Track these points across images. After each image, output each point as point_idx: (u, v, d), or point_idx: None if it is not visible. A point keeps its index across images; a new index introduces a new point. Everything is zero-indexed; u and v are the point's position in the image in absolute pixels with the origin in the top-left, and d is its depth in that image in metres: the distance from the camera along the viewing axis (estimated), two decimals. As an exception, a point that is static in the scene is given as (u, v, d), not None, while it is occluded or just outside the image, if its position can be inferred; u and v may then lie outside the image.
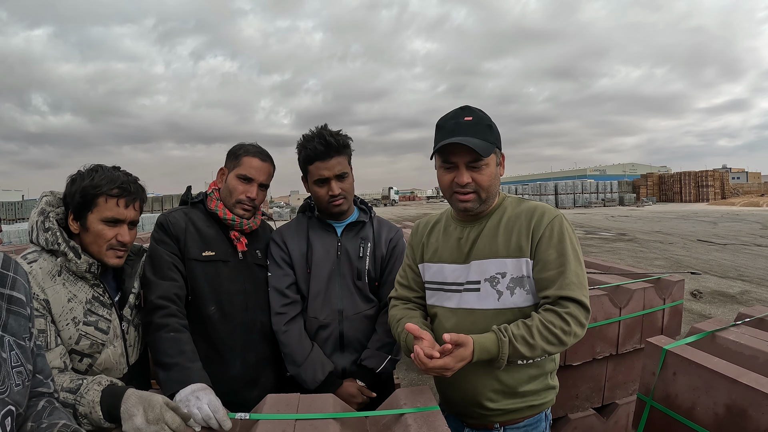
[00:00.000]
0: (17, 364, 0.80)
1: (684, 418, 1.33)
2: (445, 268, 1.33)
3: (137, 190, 1.29)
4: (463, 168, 1.21)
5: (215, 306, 1.50)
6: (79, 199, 1.22)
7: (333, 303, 1.59)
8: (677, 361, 1.38)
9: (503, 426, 1.29)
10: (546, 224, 1.21)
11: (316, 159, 1.52)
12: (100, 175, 1.23)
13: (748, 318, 1.77)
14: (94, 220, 1.23)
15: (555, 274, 1.17)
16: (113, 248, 1.26)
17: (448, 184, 1.25)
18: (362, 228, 1.67)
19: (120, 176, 1.26)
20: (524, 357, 1.13)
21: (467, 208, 1.25)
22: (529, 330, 1.12)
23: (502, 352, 1.11)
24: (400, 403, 1.06)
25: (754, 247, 10.43)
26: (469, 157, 1.20)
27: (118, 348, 1.30)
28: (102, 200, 1.22)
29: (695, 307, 5.53)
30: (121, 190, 1.24)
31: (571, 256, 1.18)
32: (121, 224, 1.26)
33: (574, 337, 1.14)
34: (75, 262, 1.21)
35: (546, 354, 1.13)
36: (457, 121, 1.22)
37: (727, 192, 41.37)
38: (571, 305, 1.14)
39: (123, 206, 1.25)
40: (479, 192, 1.23)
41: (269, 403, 1.06)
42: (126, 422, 0.96)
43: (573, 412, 2.15)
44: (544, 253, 1.19)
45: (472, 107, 1.27)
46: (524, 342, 1.11)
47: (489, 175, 1.22)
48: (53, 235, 1.21)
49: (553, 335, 1.11)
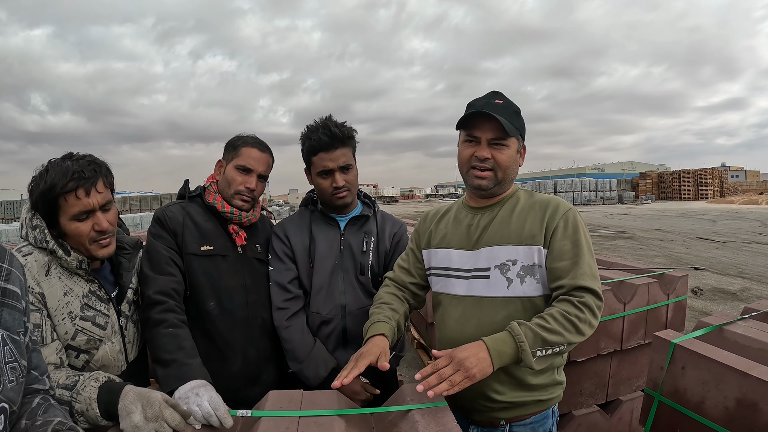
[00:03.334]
0: (11, 359, 0.77)
1: (693, 413, 1.31)
2: (452, 254, 1.31)
3: (93, 172, 1.17)
4: (485, 143, 1.23)
5: (214, 301, 1.47)
6: (43, 208, 1.17)
7: (336, 298, 1.56)
8: (686, 355, 1.36)
9: (509, 423, 1.26)
10: (561, 215, 1.21)
11: (320, 150, 1.50)
12: (51, 174, 1.15)
13: (754, 312, 1.75)
14: (66, 222, 1.17)
15: (569, 264, 1.16)
16: (96, 240, 1.21)
17: (467, 159, 1.26)
18: (366, 222, 1.64)
19: (70, 166, 1.15)
20: (545, 343, 1.06)
21: (482, 185, 1.25)
22: (544, 318, 1.09)
23: (516, 334, 1.05)
24: (407, 399, 1.03)
25: (754, 245, 10.44)
26: (492, 134, 1.21)
27: (116, 344, 1.27)
28: (62, 200, 1.15)
29: (696, 304, 5.52)
30: (75, 181, 1.14)
31: (585, 248, 1.18)
32: (92, 214, 1.19)
33: (590, 327, 1.11)
34: (65, 259, 1.18)
35: (566, 343, 1.08)
36: (488, 101, 1.25)
37: (726, 190, 41.45)
38: (585, 295, 1.12)
39: (84, 196, 1.16)
40: (497, 171, 1.24)
41: (272, 400, 1.03)
42: (124, 420, 0.93)
43: (577, 409, 2.13)
44: (558, 243, 1.19)
45: (504, 94, 1.29)
46: (540, 327, 1.07)
47: (508, 156, 1.23)
48: (41, 232, 1.17)
49: (570, 322, 1.08)
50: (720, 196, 39.03)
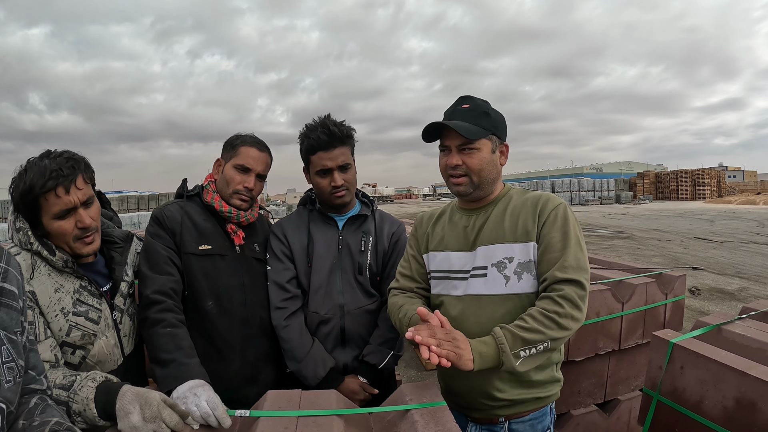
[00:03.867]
0: (8, 359, 0.77)
1: (692, 412, 1.31)
2: (451, 256, 1.32)
3: (72, 169, 1.16)
4: (455, 151, 1.26)
5: (213, 301, 1.46)
6: (24, 209, 1.16)
7: (334, 298, 1.56)
8: (684, 355, 1.37)
9: (508, 420, 1.27)
10: (551, 208, 1.23)
11: (319, 149, 1.49)
12: (29, 175, 1.14)
13: (753, 312, 1.75)
14: (48, 221, 1.17)
15: (556, 256, 1.17)
16: (80, 238, 1.20)
17: (444, 168, 1.31)
18: (364, 222, 1.63)
19: (48, 165, 1.14)
20: (526, 342, 1.08)
21: (460, 191, 1.29)
22: (523, 319, 1.11)
23: (497, 337, 1.08)
24: (406, 398, 1.03)
25: (752, 245, 10.47)
26: (458, 140, 1.24)
27: (111, 339, 1.26)
28: (43, 200, 1.14)
29: (694, 304, 5.53)
30: (53, 180, 1.12)
31: (572, 240, 1.18)
32: (74, 211, 1.18)
33: (572, 320, 1.10)
34: (50, 259, 1.17)
35: (548, 340, 1.09)
36: (454, 108, 1.29)
37: (724, 190, 41.58)
38: (565, 287, 1.12)
39: (64, 194, 1.15)
40: (470, 175, 1.26)
41: (270, 400, 1.03)
42: (122, 420, 0.92)
43: (575, 408, 2.13)
44: (547, 235, 1.20)
45: (474, 96, 1.30)
46: (519, 328, 1.09)
47: (480, 160, 1.25)
48: (25, 234, 1.17)
49: (549, 319, 1.09)
50: (717, 196, 39.16)
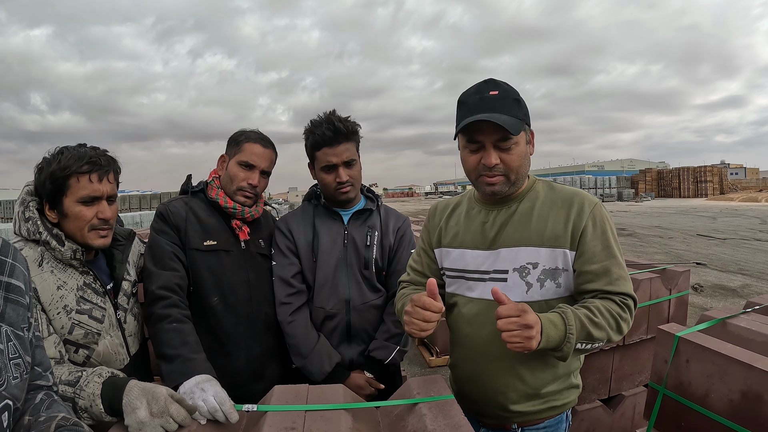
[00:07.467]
0: (15, 355, 0.76)
1: (698, 406, 1.31)
2: (466, 254, 1.22)
3: (108, 162, 1.21)
4: (491, 148, 1.09)
5: (218, 297, 1.47)
6: (50, 186, 1.17)
7: (340, 293, 1.55)
8: (690, 348, 1.36)
9: (521, 427, 1.21)
10: (588, 213, 1.12)
11: (324, 145, 1.49)
12: (66, 156, 1.17)
13: (757, 306, 1.75)
14: (71, 203, 1.17)
15: (602, 267, 1.09)
16: (95, 228, 1.20)
17: (474, 167, 1.13)
18: (369, 216, 1.63)
19: (87, 152, 1.19)
20: (589, 338, 1.01)
21: (495, 191, 1.14)
22: (592, 311, 1.03)
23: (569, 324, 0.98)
24: (413, 392, 1.02)
25: (754, 242, 10.44)
26: (496, 135, 1.07)
27: (115, 338, 1.26)
28: (74, 180, 1.16)
29: (697, 301, 5.52)
30: (90, 165, 1.17)
31: (615, 248, 1.12)
32: (98, 201, 1.20)
33: (628, 327, 1.08)
34: (59, 250, 1.16)
35: (605, 340, 1.04)
36: (481, 96, 1.09)
37: (726, 187, 41.45)
38: (628, 298, 1.10)
39: (96, 181, 1.18)
40: (508, 174, 1.11)
41: (277, 395, 1.02)
42: (129, 416, 0.92)
43: (580, 404, 2.13)
44: (588, 244, 1.10)
45: (497, 80, 1.12)
46: (589, 320, 1.01)
47: (519, 155, 1.10)
48: (34, 224, 1.16)
49: (615, 320, 1.04)
50: (719, 193, 39.04)
